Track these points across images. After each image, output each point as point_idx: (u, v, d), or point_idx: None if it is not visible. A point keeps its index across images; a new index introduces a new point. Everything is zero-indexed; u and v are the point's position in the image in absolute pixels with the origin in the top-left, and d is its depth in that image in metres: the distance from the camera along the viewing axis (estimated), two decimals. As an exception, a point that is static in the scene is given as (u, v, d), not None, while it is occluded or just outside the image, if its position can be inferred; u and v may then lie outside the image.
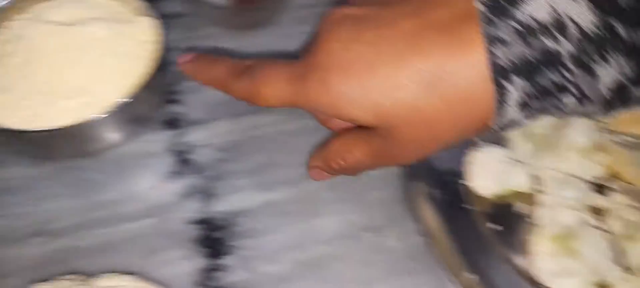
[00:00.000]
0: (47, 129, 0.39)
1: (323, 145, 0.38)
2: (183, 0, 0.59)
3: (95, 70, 0.44)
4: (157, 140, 0.49)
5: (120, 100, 0.42)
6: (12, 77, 0.42)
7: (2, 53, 0.44)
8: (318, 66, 0.29)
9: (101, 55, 0.44)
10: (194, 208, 0.46)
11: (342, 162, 0.35)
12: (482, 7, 0.24)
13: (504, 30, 0.24)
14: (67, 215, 0.44)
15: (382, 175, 0.47)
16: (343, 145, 0.35)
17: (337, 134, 0.36)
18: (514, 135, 0.46)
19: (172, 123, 0.51)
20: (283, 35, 0.58)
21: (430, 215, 0.44)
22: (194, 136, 0.50)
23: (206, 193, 0.47)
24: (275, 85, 0.31)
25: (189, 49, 0.50)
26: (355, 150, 0.33)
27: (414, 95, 0.26)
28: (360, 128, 0.32)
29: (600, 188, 0.42)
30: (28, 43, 0.43)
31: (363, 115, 0.29)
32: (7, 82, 0.42)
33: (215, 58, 0.36)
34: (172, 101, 0.52)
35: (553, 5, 0.23)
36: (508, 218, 0.43)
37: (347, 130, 0.35)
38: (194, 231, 0.44)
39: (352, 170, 0.36)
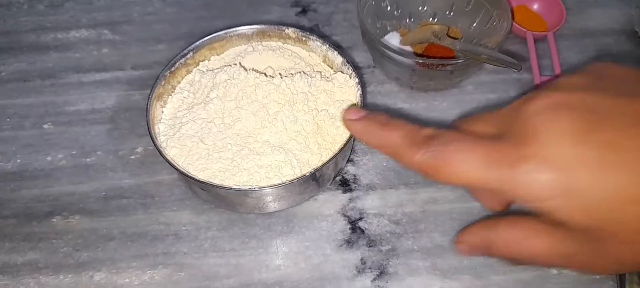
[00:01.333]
0: (239, 188, 0.38)
1: (485, 222, 0.33)
2: (369, 52, 0.57)
3: (294, 128, 0.42)
4: (329, 201, 0.47)
5: (314, 166, 0.40)
6: (213, 125, 0.42)
7: (205, 98, 0.44)
8: (534, 156, 0.25)
9: (301, 113, 0.43)
10: (367, 286, 0.42)
11: (513, 250, 0.30)
12: None
13: None
14: (233, 272, 0.43)
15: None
16: (521, 232, 0.30)
17: (503, 214, 0.31)
18: None
19: (345, 184, 0.48)
20: (463, 102, 0.54)
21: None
22: (367, 203, 0.47)
23: (381, 271, 0.43)
24: (466, 165, 0.27)
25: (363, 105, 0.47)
26: (535, 241, 0.28)
27: None
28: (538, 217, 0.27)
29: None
30: (234, 90, 0.43)
31: (579, 217, 0.25)
32: (206, 131, 0.42)
33: (388, 120, 0.32)
34: (348, 160, 0.50)
35: None
36: None
37: (524, 217, 0.30)
38: (368, 312, 0.41)
39: (518, 260, 0.32)
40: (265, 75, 0.45)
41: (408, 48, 0.55)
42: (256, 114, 0.42)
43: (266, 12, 0.64)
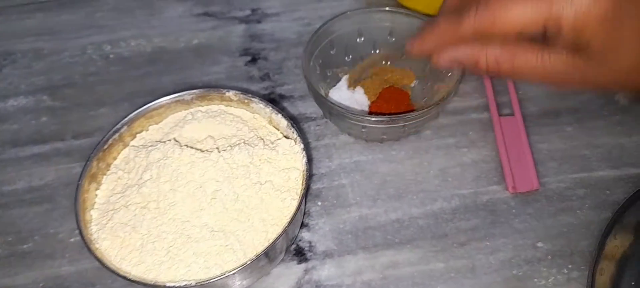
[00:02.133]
0: (173, 286, 0.35)
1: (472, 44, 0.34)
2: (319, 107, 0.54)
3: (235, 207, 0.39)
4: (284, 274, 0.44)
5: (262, 247, 0.37)
6: (147, 211, 0.39)
7: (138, 181, 0.41)
8: None
9: (242, 188, 0.40)
10: None
11: (505, 63, 0.32)
12: None
13: None
14: None
15: None
16: (517, 48, 0.32)
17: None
18: None
19: (300, 253, 0.45)
20: (421, 149, 0.51)
21: None
22: (324, 273, 0.44)
23: None
24: (516, 7, 0.30)
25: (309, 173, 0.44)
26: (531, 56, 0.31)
27: None
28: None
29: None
30: (169, 170, 0.40)
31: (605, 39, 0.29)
32: (139, 218, 0.39)
33: (434, 21, 0.35)
34: (302, 225, 0.47)
35: None
36: None
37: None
38: None
39: (506, 74, 0.33)
40: (201, 151, 0.42)
41: (359, 94, 0.52)
42: (193, 195, 0.39)
43: (215, 63, 0.61)
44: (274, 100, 0.56)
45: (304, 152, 0.42)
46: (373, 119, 0.45)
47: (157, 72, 0.60)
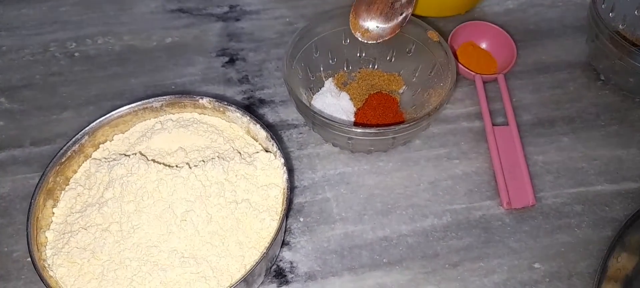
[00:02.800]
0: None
1: None
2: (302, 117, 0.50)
3: (208, 229, 0.35)
4: (264, 299, 0.41)
5: (238, 274, 0.34)
6: (109, 234, 0.35)
7: (99, 199, 0.37)
8: None
9: (216, 208, 0.36)
10: None
11: None
12: None
13: None
14: None
15: None
16: None
17: None
18: None
19: (280, 275, 0.42)
20: (410, 160, 0.48)
21: None
22: (308, 297, 0.41)
23: None
24: None
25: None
26: None
27: None
28: None
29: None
30: (133, 188, 0.36)
31: None
32: (100, 242, 0.35)
33: None
34: (283, 243, 0.43)
35: None
36: None
37: None
38: None
39: None
40: (170, 166, 0.37)
41: (345, 100, 0.49)
42: (160, 216, 0.35)
43: (189, 63, 0.57)
44: (253, 105, 0.52)
45: (285, 167, 0.39)
46: (359, 130, 0.42)
47: (126, 73, 0.56)
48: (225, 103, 0.42)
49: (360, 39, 0.46)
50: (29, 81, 0.55)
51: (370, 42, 0.46)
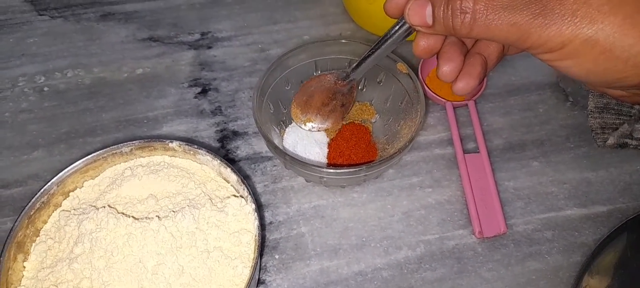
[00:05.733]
0: None
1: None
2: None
3: (180, 281, 0.36)
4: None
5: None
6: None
7: (69, 254, 0.36)
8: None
9: (188, 259, 0.36)
10: None
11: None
12: None
13: None
14: None
15: None
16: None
17: None
18: None
19: (257, 313, 0.42)
20: (383, 191, 0.48)
21: None
22: (284, 336, 0.41)
23: None
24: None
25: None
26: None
27: None
28: None
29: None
30: (103, 244, 0.36)
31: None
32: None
33: None
34: (259, 282, 0.43)
35: None
36: None
37: None
38: None
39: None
40: (139, 220, 0.37)
41: (319, 133, 0.49)
42: (131, 271, 0.35)
43: (161, 95, 0.56)
44: (226, 138, 0.52)
45: (256, 212, 0.39)
46: (332, 171, 0.42)
47: (97, 107, 0.55)
48: (196, 146, 0.42)
49: (302, 127, 0.46)
50: (-2, 119, 0.55)
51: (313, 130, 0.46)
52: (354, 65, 0.39)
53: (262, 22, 0.63)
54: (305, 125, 0.44)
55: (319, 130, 0.44)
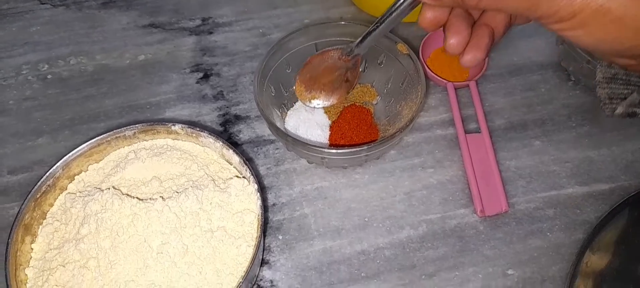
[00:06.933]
0: None
1: None
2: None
3: (185, 260, 0.36)
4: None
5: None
6: (87, 271, 0.35)
7: (76, 235, 0.37)
8: None
9: (192, 238, 0.36)
10: None
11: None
12: None
13: None
14: None
15: None
16: None
17: None
18: None
19: (262, 293, 0.43)
20: (386, 171, 0.49)
21: None
22: (288, 316, 0.42)
23: None
24: None
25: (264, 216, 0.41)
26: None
27: None
28: None
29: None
30: (108, 224, 0.36)
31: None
32: (78, 279, 0.35)
33: None
34: (263, 262, 0.44)
35: None
36: None
37: None
38: None
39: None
40: (143, 201, 0.38)
41: (319, 114, 0.49)
42: (136, 251, 0.36)
43: (163, 81, 0.56)
44: (229, 122, 0.53)
45: (259, 193, 0.39)
46: (333, 151, 0.42)
47: (99, 94, 0.56)
48: (198, 129, 0.43)
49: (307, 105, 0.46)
50: (3, 107, 0.55)
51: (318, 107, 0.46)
52: (359, 39, 0.39)
53: (263, 7, 0.63)
54: (310, 102, 0.43)
55: (324, 107, 0.43)
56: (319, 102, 0.43)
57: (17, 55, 0.59)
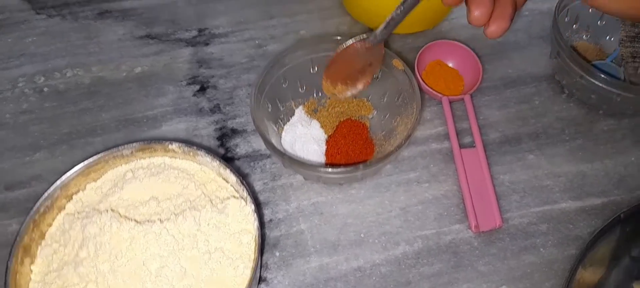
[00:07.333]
0: None
1: None
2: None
3: (183, 282, 0.37)
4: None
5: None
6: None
7: (75, 258, 0.37)
8: None
9: (190, 261, 0.37)
10: None
11: None
12: None
13: None
14: None
15: None
16: None
17: None
18: None
19: (259, 311, 0.43)
20: (382, 186, 0.49)
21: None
22: (285, 332, 0.42)
23: None
24: None
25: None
26: None
27: None
28: None
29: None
30: (107, 247, 0.37)
31: None
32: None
33: None
34: (260, 280, 0.44)
35: None
36: None
37: None
38: None
39: None
40: (141, 223, 0.38)
41: (315, 129, 0.49)
42: (135, 274, 0.36)
43: (160, 93, 0.57)
44: (225, 136, 0.53)
45: (256, 214, 0.39)
46: (329, 170, 0.42)
47: (96, 107, 0.56)
48: (195, 147, 0.43)
49: (340, 97, 0.46)
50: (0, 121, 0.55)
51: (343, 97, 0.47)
52: (382, 25, 0.38)
53: (259, 17, 0.63)
54: (339, 95, 0.44)
55: (352, 94, 0.44)
56: (348, 92, 0.44)
57: (13, 67, 0.59)
